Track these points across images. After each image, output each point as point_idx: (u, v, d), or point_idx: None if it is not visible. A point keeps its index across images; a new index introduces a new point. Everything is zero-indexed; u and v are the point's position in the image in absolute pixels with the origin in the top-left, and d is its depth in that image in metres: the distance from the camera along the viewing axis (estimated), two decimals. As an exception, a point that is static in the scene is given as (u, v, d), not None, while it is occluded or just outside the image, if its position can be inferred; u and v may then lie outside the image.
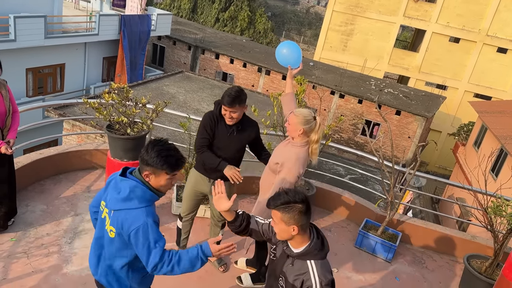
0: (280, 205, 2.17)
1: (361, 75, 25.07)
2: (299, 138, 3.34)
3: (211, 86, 18.13)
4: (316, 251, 2.24)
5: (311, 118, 3.31)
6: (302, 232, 2.22)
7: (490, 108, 18.55)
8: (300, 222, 2.17)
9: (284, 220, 2.17)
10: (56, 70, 16.73)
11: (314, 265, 2.23)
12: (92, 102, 3.82)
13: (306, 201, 2.19)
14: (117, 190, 2.29)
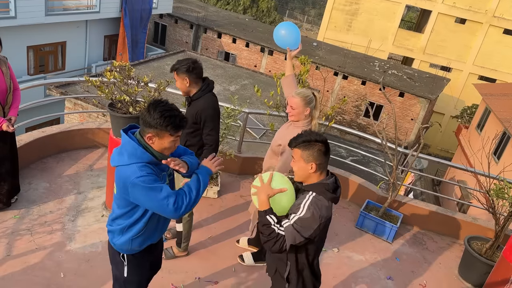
0: (302, 142, 2.26)
1: (365, 56, 24.80)
2: (304, 118, 3.33)
3: (213, 66, 17.98)
4: (324, 189, 2.27)
5: (312, 96, 3.31)
6: (319, 172, 2.29)
7: (495, 90, 18.38)
8: (318, 160, 2.26)
9: (304, 157, 2.26)
10: (57, 48, 16.58)
11: (313, 195, 2.27)
12: (94, 80, 3.78)
13: (326, 143, 2.28)
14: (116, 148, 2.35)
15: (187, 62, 3.38)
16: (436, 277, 4.48)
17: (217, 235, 4.37)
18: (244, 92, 15.47)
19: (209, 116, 3.45)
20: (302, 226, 2.21)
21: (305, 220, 2.21)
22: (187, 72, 3.37)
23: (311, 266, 2.46)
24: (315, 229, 2.23)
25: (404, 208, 5.22)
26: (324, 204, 2.27)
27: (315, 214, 2.22)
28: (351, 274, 4.25)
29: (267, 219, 2.23)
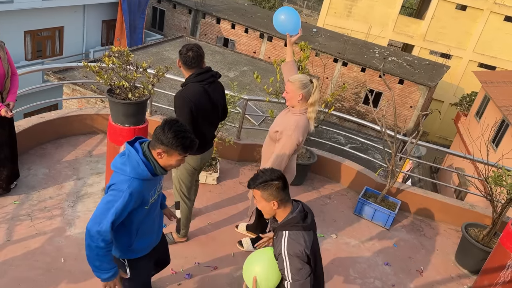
0: (259, 184, 2.34)
1: (365, 43, 24.64)
2: (298, 105, 3.30)
3: (212, 52, 17.86)
4: (294, 223, 2.35)
5: (308, 81, 3.27)
6: (283, 207, 2.38)
7: (494, 78, 18.32)
8: (279, 197, 2.34)
9: (264, 197, 2.35)
10: (55, 33, 16.43)
11: (287, 235, 2.34)
12: (92, 66, 3.75)
13: (283, 178, 2.37)
14: (122, 153, 2.39)
15: (187, 49, 3.32)
16: (433, 263, 4.53)
17: (217, 221, 4.40)
18: (243, 79, 15.41)
19: (176, 106, 3.32)
20: (298, 273, 2.27)
21: (295, 268, 2.27)
22: (179, 55, 3.37)
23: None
24: (308, 264, 2.30)
25: (402, 195, 5.25)
26: (301, 238, 2.32)
27: (298, 256, 2.27)
28: (349, 260, 4.29)
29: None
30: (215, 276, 3.70)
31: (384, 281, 4.11)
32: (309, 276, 2.29)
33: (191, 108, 3.29)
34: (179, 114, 3.31)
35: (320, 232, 4.59)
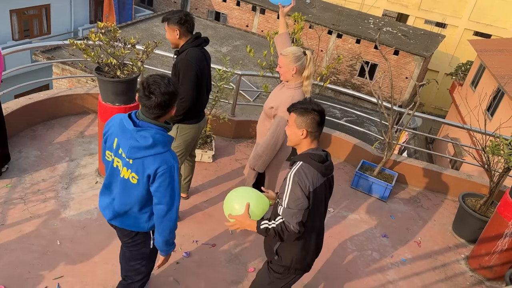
0: (298, 108, 2.29)
1: (359, 13, 24.23)
2: (293, 79, 3.20)
3: (204, 26, 17.51)
4: (311, 158, 2.28)
5: (301, 53, 3.15)
6: (310, 140, 2.32)
7: (490, 46, 18.12)
8: (310, 128, 2.29)
9: (297, 122, 2.29)
10: (42, 11, 16.00)
11: (300, 164, 2.28)
12: (78, 43, 3.61)
13: (322, 113, 2.31)
14: (134, 138, 2.22)
15: (179, 14, 3.27)
16: (431, 233, 4.55)
17: (213, 199, 4.36)
18: (236, 54, 15.16)
19: (181, 70, 3.28)
20: (295, 201, 2.21)
21: (294, 195, 2.22)
22: (178, 24, 3.27)
23: (304, 239, 2.39)
24: (305, 198, 2.22)
25: (399, 167, 5.22)
26: (310, 172, 2.25)
27: (301, 185, 2.21)
28: (346, 233, 4.30)
29: (261, 229, 2.32)
30: (214, 253, 3.69)
31: (382, 253, 4.13)
32: (304, 210, 2.22)
33: (197, 72, 3.30)
34: (184, 78, 3.28)
35: (317, 207, 4.58)
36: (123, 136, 2.26)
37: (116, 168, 2.35)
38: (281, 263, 2.45)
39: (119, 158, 2.31)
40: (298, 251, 2.41)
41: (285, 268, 2.46)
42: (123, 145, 2.26)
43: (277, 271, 2.50)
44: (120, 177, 2.34)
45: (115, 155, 2.33)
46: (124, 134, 2.26)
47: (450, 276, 4.00)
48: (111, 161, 2.37)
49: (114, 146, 2.31)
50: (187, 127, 3.51)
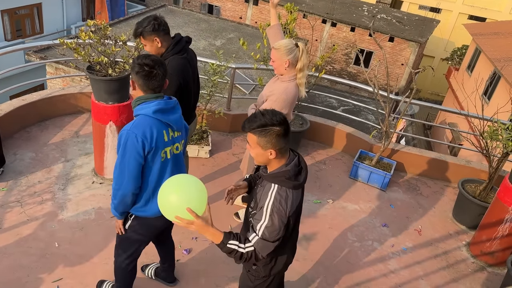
0: (256, 128, 1.99)
1: (353, 1, 24.07)
2: (286, 72, 3.16)
3: (197, 20, 17.36)
4: (285, 178, 2.06)
5: (293, 46, 3.09)
6: (280, 156, 2.07)
7: (485, 30, 18.04)
8: (278, 146, 2.01)
9: (261, 144, 2.01)
10: (33, 10, 15.83)
11: (275, 189, 2.06)
12: (69, 42, 3.56)
13: (285, 123, 2.02)
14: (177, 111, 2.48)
15: (149, 21, 3.02)
16: (431, 221, 4.53)
17: (211, 194, 4.33)
18: (230, 46, 15.06)
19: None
20: (271, 233, 2.04)
21: (272, 226, 2.03)
22: (155, 32, 3.02)
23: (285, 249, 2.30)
24: (284, 226, 2.07)
25: (397, 156, 5.20)
26: (288, 197, 2.06)
27: (279, 215, 2.03)
28: (346, 223, 4.28)
29: (228, 248, 2.04)
30: (214, 250, 3.67)
31: (383, 242, 4.12)
32: (277, 242, 2.08)
33: (180, 83, 3.11)
34: (166, 92, 3.12)
35: (316, 198, 4.56)
36: (169, 118, 2.39)
37: (166, 158, 2.45)
38: (260, 273, 2.33)
39: (172, 142, 2.46)
40: (275, 261, 2.31)
41: (264, 275, 2.34)
42: (175, 123, 2.43)
43: (257, 277, 2.38)
44: (170, 160, 2.47)
45: (168, 145, 2.44)
46: (168, 115, 2.39)
47: (451, 264, 4.00)
48: (164, 156, 2.44)
49: (166, 139, 2.41)
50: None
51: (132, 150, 2.30)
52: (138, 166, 2.34)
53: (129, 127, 2.32)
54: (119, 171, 2.34)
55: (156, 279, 3.25)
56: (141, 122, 2.33)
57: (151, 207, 2.51)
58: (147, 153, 2.34)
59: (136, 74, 2.33)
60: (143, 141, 2.30)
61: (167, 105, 2.40)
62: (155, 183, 2.46)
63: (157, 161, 2.41)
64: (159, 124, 2.37)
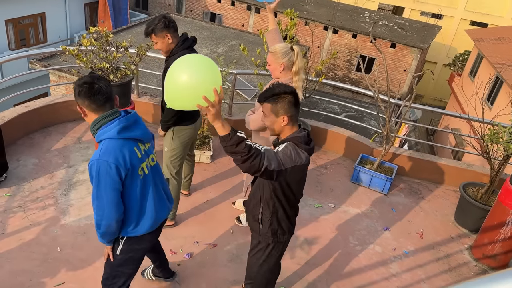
0: (270, 97, 2.24)
1: (354, 8, 24.17)
2: (282, 75, 3.21)
3: (199, 28, 17.49)
4: (297, 141, 2.29)
5: (288, 49, 3.16)
6: (291, 124, 2.31)
7: (487, 35, 18.06)
8: (289, 112, 2.26)
9: (274, 111, 2.26)
10: (37, 20, 16.00)
11: (287, 144, 2.29)
12: (71, 49, 3.61)
13: (295, 93, 2.27)
14: (142, 124, 2.39)
15: (159, 19, 3.19)
16: (433, 225, 4.52)
17: (213, 199, 4.35)
18: (232, 53, 15.14)
19: None
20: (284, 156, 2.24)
21: (281, 153, 2.24)
22: (166, 28, 3.18)
23: (286, 211, 2.52)
24: (289, 163, 2.23)
25: (398, 160, 5.20)
26: (298, 152, 2.28)
27: (291, 153, 2.24)
28: (348, 228, 4.28)
29: (238, 137, 2.04)
30: (215, 254, 3.68)
31: (384, 246, 4.11)
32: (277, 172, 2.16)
33: None
34: None
35: (318, 202, 4.57)
36: (135, 134, 2.29)
37: (145, 173, 2.36)
38: (266, 231, 2.55)
39: (146, 155, 2.39)
40: (280, 217, 2.53)
41: (272, 233, 2.55)
42: (143, 135, 2.34)
43: (266, 242, 2.59)
44: (149, 174, 2.39)
45: (143, 160, 2.35)
46: (134, 131, 2.28)
47: (453, 267, 3.98)
48: (142, 173, 2.34)
49: (139, 155, 2.31)
50: (182, 129, 3.50)
51: (106, 179, 2.15)
52: (117, 193, 2.21)
53: (97, 156, 2.15)
54: (98, 202, 2.21)
55: (156, 279, 3.26)
56: (109, 146, 2.17)
57: (143, 225, 2.42)
58: (124, 177, 2.21)
59: (79, 95, 2.19)
60: (117, 166, 2.15)
61: (128, 121, 2.25)
62: (140, 202, 2.37)
63: (137, 181, 2.30)
64: (128, 143, 2.24)
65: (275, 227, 2.54)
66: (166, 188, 2.63)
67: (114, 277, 2.56)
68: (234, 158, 2.09)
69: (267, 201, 2.48)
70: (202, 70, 1.93)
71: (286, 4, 21.16)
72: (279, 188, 2.40)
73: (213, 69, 1.98)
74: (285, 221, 2.56)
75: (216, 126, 2.02)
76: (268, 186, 2.43)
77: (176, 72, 1.90)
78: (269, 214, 2.51)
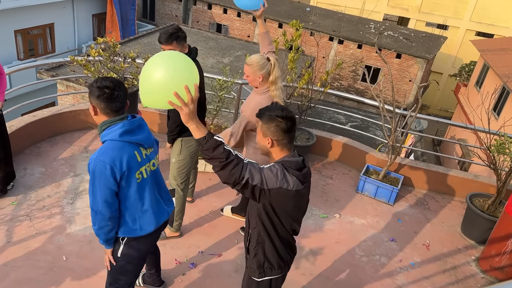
0: (263, 115, 2.15)
1: (360, 19, 24.29)
2: (260, 85, 3.27)
3: (205, 38, 17.64)
4: (287, 167, 2.10)
5: (265, 61, 3.24)
6: (279, 148, 2.17)
7: (492, 46, 18.05)
8: (275, 136, 2.13)
9: (262, 130, 2.16)
10: (46, 30, 16.23)
11: (276, 163, 2.12)
12: (79, 60, 3.66)
13: (289, 119, 2.13)
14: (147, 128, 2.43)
15: (179, 29, 3.27)
16: (439, 236, 4.49)
17: (218, 209, 4.35)
18: (238, 64, 15.23)
19: None
20: (268, 173, 2.04)
21: (266, 169, 2.05)
22: (185, 39, 3.29)
23: (273, 243, 2.29)
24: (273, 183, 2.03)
25: (404, 170, 5.18)
26: (287, 175, 2.08)
27: (277, 173, 2.04)
28: (353, 238, 4.25)
29: (216, 140, 1.91)
30: (220, 264, 3.67)
31: (390, 257, 4.07)
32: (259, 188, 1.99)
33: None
34: None
35: (323, 212, 4.55)
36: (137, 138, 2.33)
37: (143, 177, 2.40)
38: (251, 262, 2.37)
39: (147, 160, 2.42)
40: (266, 249, 2.30)
41: (258, 266, 2.34)
42: (145, 141, 2.37)
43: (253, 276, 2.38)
44: (148, 179, 2.43)
45: (143, 164, 2.38)
46: (136, 135, 2.32)
47: (460, 279, 3.94)
48: (140, 176, 2.38)
49: (139, 159, 2.35)
50: (190, 139, 3.52)
51: (101, 178, 2.22)
52: (111, 192, 2.27)
53: (95, 155, 2.24)
54: (93, 198, 2.28)
55: (144, 286, 3.25)
56: (109, 148, 2.25)
57: (141, 227, 2.46)
58: (119, 179, 2.27)
59: (97, 98, 2.24)
60: (112, 167, 2.22)
61: (132, 125, 2.31)
62: (137, 204, 2.41)
63: (133, 184, 2.35)
64: (128, 147, 2.29)
65: (261, 258, 2.32)
66: (163, 192, 2.66)
67: (117, 280, 2.60)
68: (212, 165, 1.94)
69: (253, 227, 2.30)
70: (176, 66, 1.85)
71: (292, 16, 21.32)
72: (264, 213, 2.19)
73: (188, 66, 1.89)
74: (273, 255, 2.30)
75: (191, 128, 1.90)
76: (254, 209, 2.25)
77: (149, 66, 1.86)
78: (255, 242, 2.31)
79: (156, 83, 1.81)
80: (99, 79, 2.27)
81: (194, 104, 1.87)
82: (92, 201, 2.30)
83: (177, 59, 1.88)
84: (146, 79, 1.84)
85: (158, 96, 1.83)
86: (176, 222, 3.77)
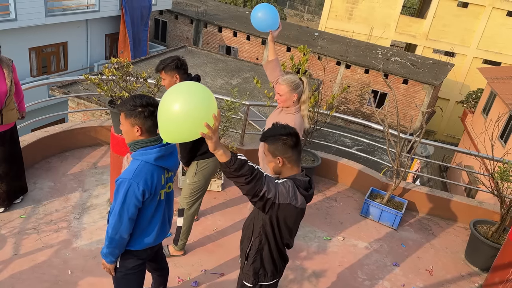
0: (267, 137, 2.25)
1: (367, 44, 24.61)
2: (293, 105, 3.33)
3: (215, 60, 17.94)
4: (297, 185, 2.23)
5: (299, 81, 3.31)
6: (291, 165, 2.28)
7: (499, 74, 18.16)
8: (285, 154, 2.23)
9: (270, 151, 2.25)
10: (59, 48, 16.62)
11: (288, 179, 2.23)
12: (93, 78, 3.79)
13: (293, 135, 2.23)
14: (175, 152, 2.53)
15: (173, 59, 3.35)
16: (443, 262, 4.47)
17: (222, 228, 4.39)
18: (246, 85, 15.43)
19: None
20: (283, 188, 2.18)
21: (281, 185, 2.19)
22: (176, 69, 3.34)
23: (271, 251, 2.42)
24: (284, 199, 2.16)
25: (408, 195, 5.20)
26: (297, 193, 2.22)
27: (289, 190, 2.17)
28: (357, 261, 4.25)
29: (241, 159, 2.02)
30: (222, 283, 3.69)
31: (393, 282, 4.07)
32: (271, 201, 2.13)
33: None
34: None
35: (327, 235, 4.57)
36: (168, 164, 2.43)
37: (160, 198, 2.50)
38: (248, 268, 2.47)
39: (166, 182, 2.50)
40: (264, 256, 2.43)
41: (254, 272, 2.46)
42: (173, 168, 2.49)
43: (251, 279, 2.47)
44: (163, 200, 2.53)
45: (164, 187, 2.49)
46: (168, 161, 2.43)
47: (464, 306, 3.91)
48: (159, 198, 2.48)
49: (163, 182, 2.46)
50: (205, 162, 3.57)
51: (132, 199, 2.30)
52: (136, 210, 2.37)
53: (130, 176, 2.29)
54: (118, 217, 2.32)
55: None
56: (143, 170, 2.32)
57: (140, 242, 2.52)
58: (146, 198, 2.37)
59: (138, 115, 2.28)
60: (144, 189, 2.31)
61: (167, 151, 2.41)
62: (148, 222, 2.49)
63: (153, 204, 2.45)
64: (159, 170, 2.40)
65: (257, 265, 2.45)
66: (171, 213, 2.75)
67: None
68: (237, 181, 2.06)
69: (256, 236, 2.42)
70: (202, 97, 1.84)
71: (300, 40, 21.66)
72: (268, 224, 2.32)
73: (208, 95, 1.89)
74: (269, 263, 2.44)
75: (218, 154, 1.98)
76: (259, 219, 2.37)
77: (170, 100, 1.80)
78: (255, 250, 2.43)
79: (185, 117, 1.79)
80: (137, 96, 2.29)
81: (217, 131, 1.95)
82: (117, 220, 2.33)
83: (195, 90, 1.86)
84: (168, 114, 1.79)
85: (185, 129, 1.83)
86: (181, 241, 3.80)
